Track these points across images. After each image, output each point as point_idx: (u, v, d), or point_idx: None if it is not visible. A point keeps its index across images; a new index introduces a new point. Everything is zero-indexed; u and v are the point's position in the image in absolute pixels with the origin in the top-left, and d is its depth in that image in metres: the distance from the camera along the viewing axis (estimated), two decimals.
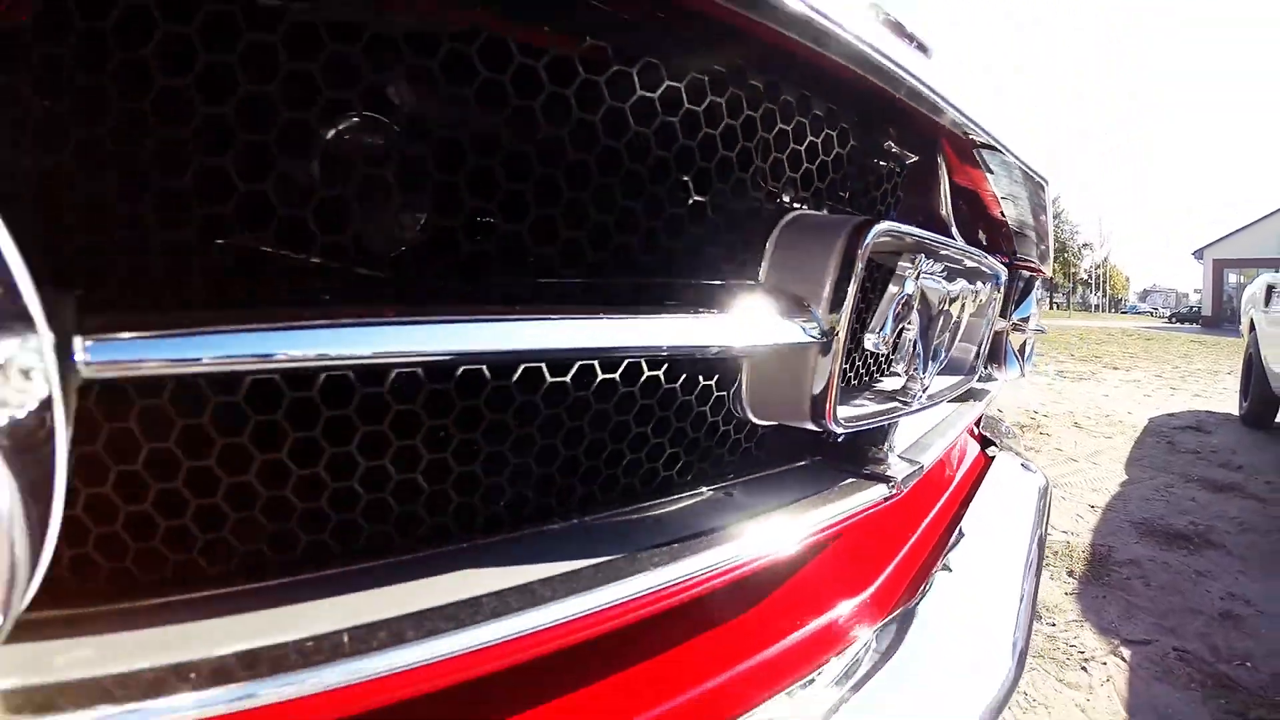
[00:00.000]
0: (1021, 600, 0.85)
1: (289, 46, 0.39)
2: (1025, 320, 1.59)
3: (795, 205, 0.64)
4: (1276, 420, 5.67)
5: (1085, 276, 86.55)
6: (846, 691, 0.59)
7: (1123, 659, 2.11)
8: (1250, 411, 5.76)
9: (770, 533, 0.55)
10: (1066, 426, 5.78)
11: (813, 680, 0.58)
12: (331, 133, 0.42)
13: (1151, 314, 76.64)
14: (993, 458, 1.45)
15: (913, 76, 0.58)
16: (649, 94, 0.51)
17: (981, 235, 1.27)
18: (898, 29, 0.58)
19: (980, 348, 1.01)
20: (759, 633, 0.59)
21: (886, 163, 0.78)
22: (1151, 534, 3.19)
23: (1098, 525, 3.32)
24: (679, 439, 0.62)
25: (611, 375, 0.55)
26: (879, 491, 0.66)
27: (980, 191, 0.96)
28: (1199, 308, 48.76)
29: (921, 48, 0.61)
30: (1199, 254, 46.35)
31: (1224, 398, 7.43)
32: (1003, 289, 1.05)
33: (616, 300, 0.53)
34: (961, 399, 1.19)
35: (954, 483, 1.17)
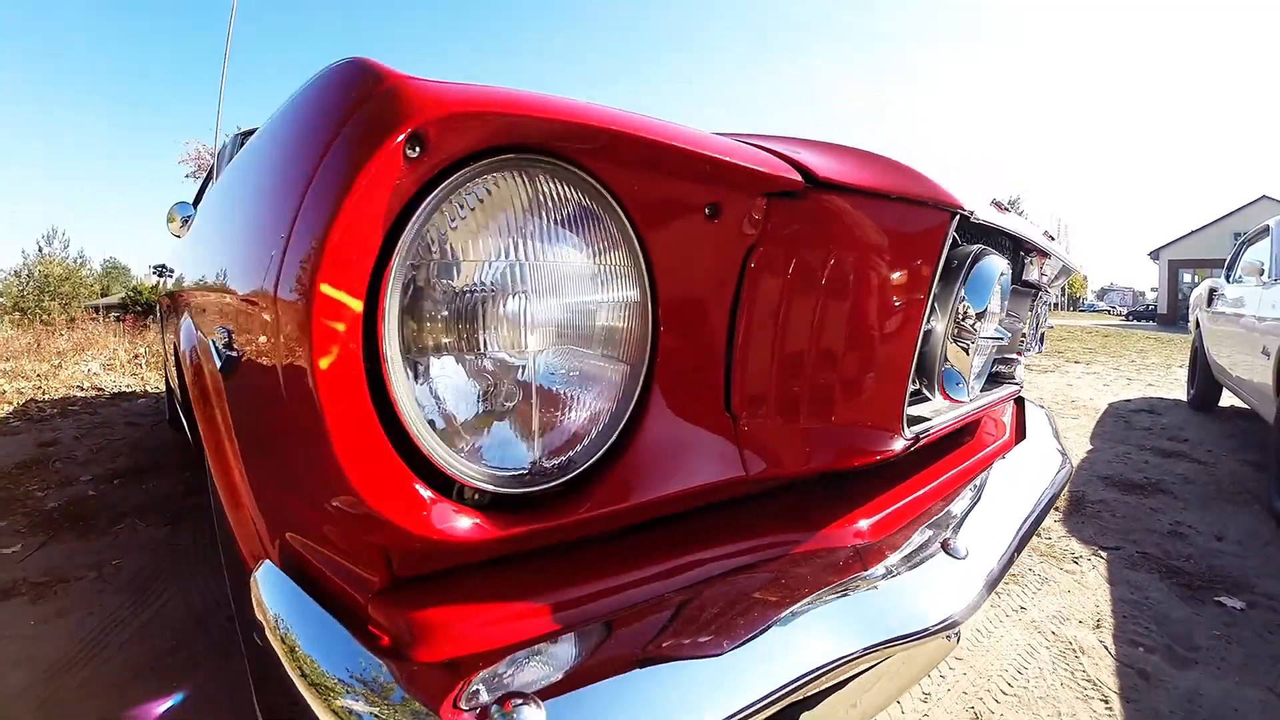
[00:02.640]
0: (1061, 457, 1.70)
1: None
2: (1048, 323, 2.51)
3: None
4: (1219, 405, 6.67)
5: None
6: (998, 468, 1.41)
7: (1101, 557, 2.99)
8: (1196, 397, 6.73)
9: (992, 397, 1.39)
10: None
11: (990, 467, 1.41)
12: None
13: (1109, 312, 79.00)
14: (1021, 401, 2.33)
15: (1056, 254, 1.42)
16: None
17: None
18: (1049, 235, 1.42)
19: (1037, 336, 1.89)
20: (980, 440, 1.43)
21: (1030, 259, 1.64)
22: (1114, 485, 4.09)
23: (1072, 479, 4.22)
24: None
25: None
26: (1014, 388, 1.50)
27: (1046, 264, 1.82)
28: (1155, 306, 50.61)
29: (1051, 237, 1.45)
30: (1155, 254, 48.05)
31: (1174, 387, 8.44)
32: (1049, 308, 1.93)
33: None
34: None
35: (1012, 403, 2.04)
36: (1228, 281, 6.03)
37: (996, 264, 1.02)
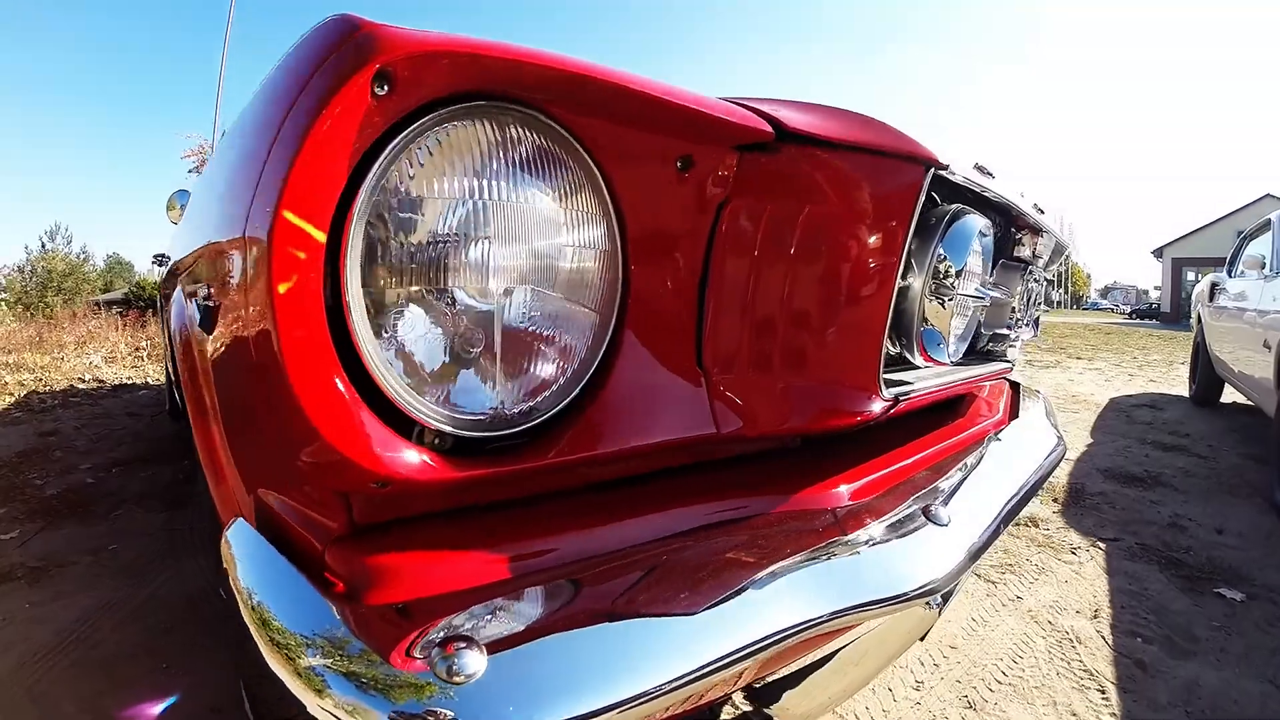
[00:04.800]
0: (1056, 437, 1.67)
1: None
2: (1041, 304, 2.48)
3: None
4: (1221, 400, 6.64)
5: (1048, 274, 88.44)
6: (991, 444, 1.38)
7: (1100, 549, 2.96)
8: (1198, 392, 6.70)
9: (982, 369, 1.37)
10: None
11: (984, 445, 1.39)
12: None
13: (1112, 310, 78.88)
14: (1017, 386, 2.30)
15: (1046, 228, 1.39)
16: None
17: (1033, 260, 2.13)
18: (1038, 209, 1.39)
19: (1032, 315, 1.86)
20: (972, 418, 1.41)
21: (1020, 235, 1.61)
22: (1114, 477, 4.06)
23: (1072, 471, 4.19)
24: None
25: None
26: (1006, 365, 1.48)
27: (1037, 248, 1.80)
28: (1158, 304, 50.52)
29: (1041, 210, 1.42)
30: (1158, 252, 48.02)
31: (1176, 383, 8.41)
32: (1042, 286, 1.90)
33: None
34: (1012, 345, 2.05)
35: (1007, 389, 2.01)
36: (1229, 276, 5.99)
37: (975, 222, 1.00)
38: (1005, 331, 1.52)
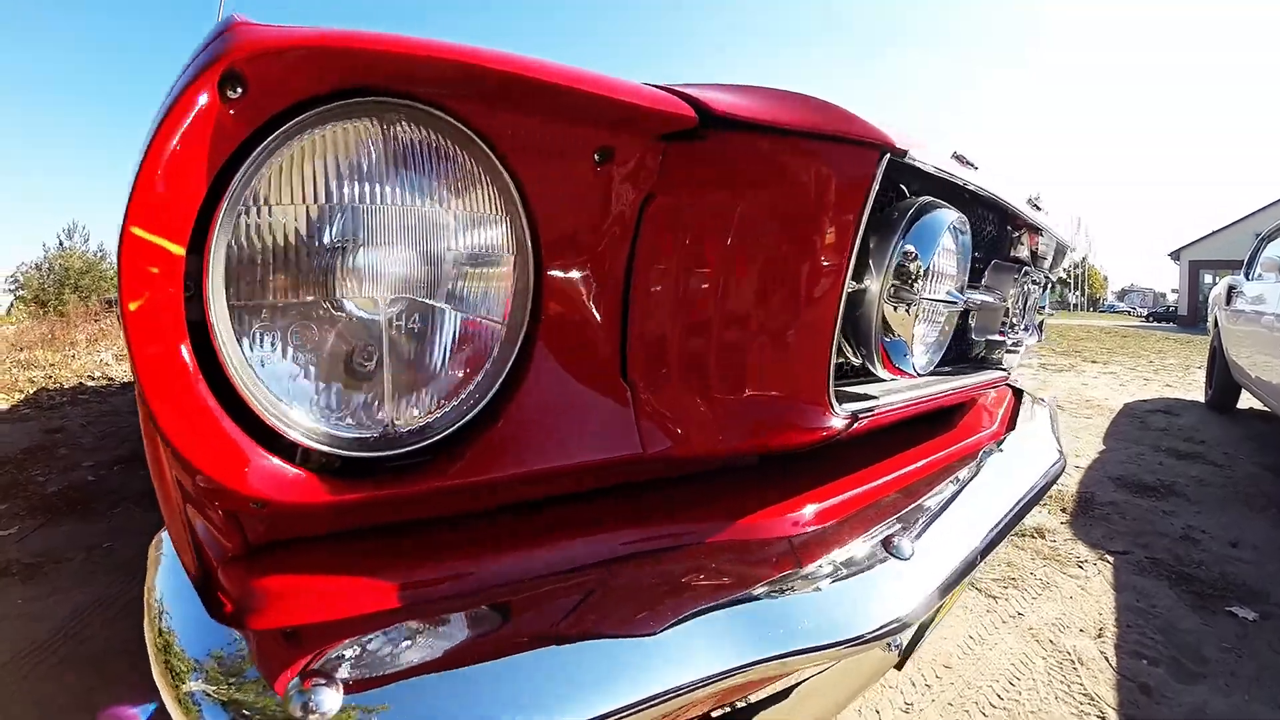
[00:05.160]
0: (1058, 446, 1.57)
1: None
2: (1043, 308, 2.35)
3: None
4: (1238, 406, 6.47)
5: (1064, 275, 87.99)
6: (980, 461, 1.29)
7: (1108, 562, 2.84)
8: (1214, 397, 6.53)
9: (971, 378, 1.26)
10: None
11: (972, 461, 1.29)
12: None
13: (1129, 313, 78.11)
14: (1020, 394, 2.20)
15: (1041, 225, 1.29)
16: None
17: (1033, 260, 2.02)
18: (1034, 204, 1.29)
19: (1032, 321, 1.74)
20: (961, 431, 1.31)
21: (1013, 234, 1.51)
22: (1126, 486, 3.93)
23: (1082, 479, 4.06)
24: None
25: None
26: (1001, 374, 1.37)
27: (1038, 248, 1.69)
28: (1175, 307, 50.04)
29: (1037, 206, 1.32)
30: (1175, 255, 47.54)
31: (1192, 388, 8.23)
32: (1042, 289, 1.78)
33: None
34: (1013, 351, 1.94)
35: (1008, 398, 1.91)
36: (1247, 279, 5.84)
37: (945, 217, 0.89)
38: (999, 338, 1.41)
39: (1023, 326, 1.57)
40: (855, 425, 0.87)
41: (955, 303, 0.97)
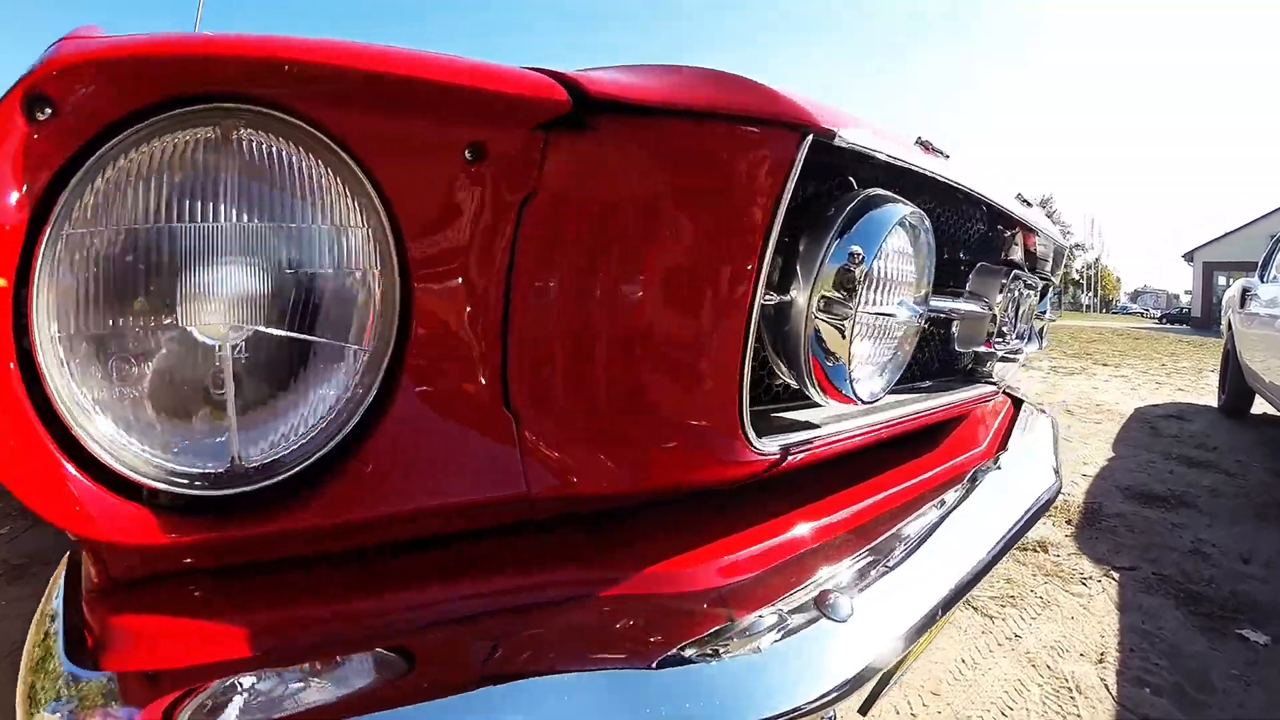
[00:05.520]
0: (1054, 467, 1.44)
1: None
2: (1044, 313, 2.22)
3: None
4: (1251, 410, 6.30)
5: (1077, 277, 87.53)
6: (973, 481, 1.17)
7: (1113, 578, 2.71)
8: (1227, 402, 6.37)
9: (956, 394, 1.14)
10: (1060, 413, 6.39)
11: (952, 489, 1.17)
12: None
13: (1142, 315, 77.44)
14: (1020, 404, 2.06)
15: (1028, 223, 1.17)
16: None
17: (1031, 263, 1.90)
18: (1023, 200, 1.17)
19: (1030, 328, 1.61)
20: (941, 454, 1.18)
21: (1005, 234, 1.38)
22: (1135, 496, 3.79)
23: (1089, 489, 3.93)
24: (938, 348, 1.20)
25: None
26: (990, 388, 1.24)
27: (1035, 249, 1.56)
28: (1189, 309, 49.63)
29: (1027, 203, 1.20)
30: (1189, 256, 47.20)
31: (1205, 392, 8.05)
32: (1040, 293, 1.64)
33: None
34: (1014, 354, 1.80)
35: (1005, 409, 1.78)
36: (1262, 281, 5.68)
37: (894, 213, 0.76)
38: (986, 349, 1.29)
39: (1015, 335, 1.45)
40: (788, 460, 0.75)
41: (911, 318, 0.84)
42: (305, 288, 0.64)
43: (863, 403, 0.81)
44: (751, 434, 0.71)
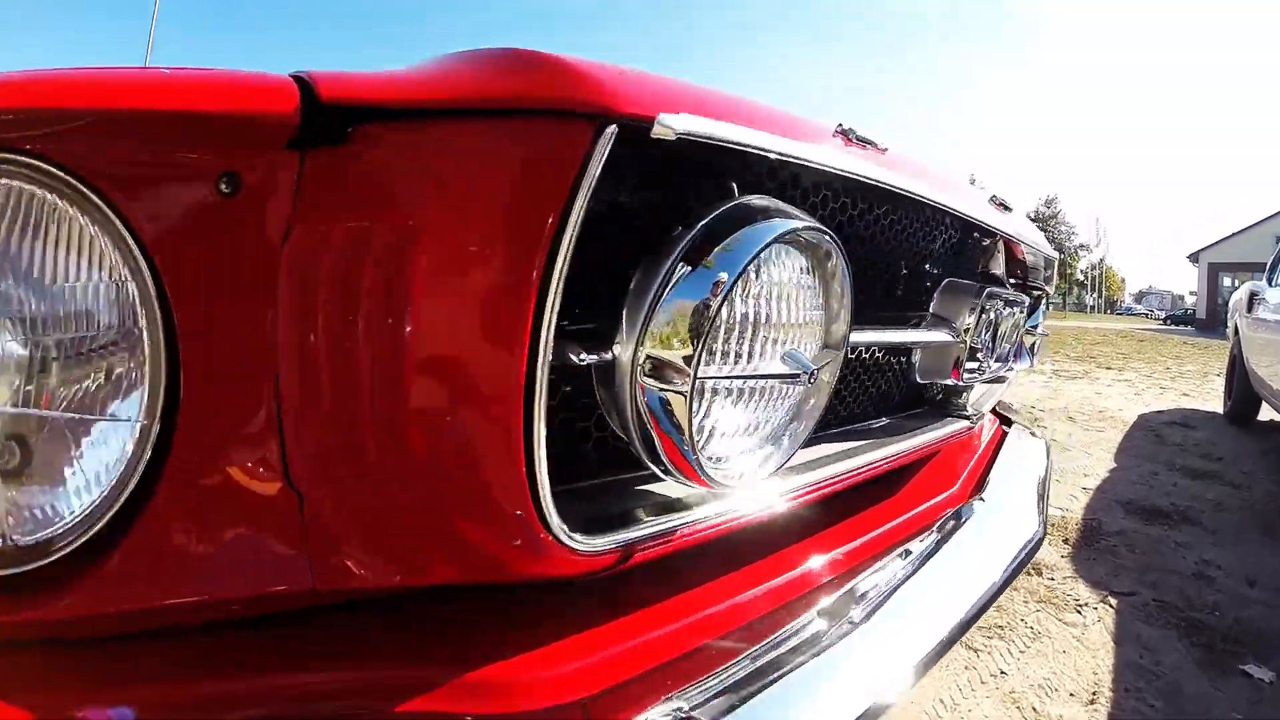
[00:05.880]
0: (1039, 512, 1.28)
1: None
2: (1035, 327, 2.05)
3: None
4: (1258, 417, 6.12)
5: (1081, 278, 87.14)
6: (941, 538, 1.01)
7: (1110, 605, 2.55)
8: (1233, 409, 6.19)
9: (920, 437, 0.98)
10: (1061, 420, 6.22)
11: (929, 531, 1.01)
12: None
13: (1147, 316, 76.97)
14: (1009, 428, 1.89)
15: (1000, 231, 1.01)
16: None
17: (1019, 273, 1.73)
18: (999, 204, 1.01)
19: (1013, 345, 1.45)
20: (911, 498, 1.02)
21: (980, 243, 1.22)
22: (1136, 511, 3.63)
23: (1089, 503, 3.76)
24: (891, 382, 1.04)
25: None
26: (964, 424, 1.08)
27: (1024, 258, 1.40)
28: (1194, 310, 49.30)
29: (1005, 207, 1.04)
30: (1194, 257, 46.84)
31: (1210, 398, 7.86)
32: (1025, 308, 1.48)
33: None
34: (995, 380, 1.62)
35: (987, 436, 1.61)
36: (1270, 284, 5.50)
37: (766, 232, 0.57)
38: (952, 381, 1.12)
39: (995, 357, 1.28)
40: (630, 559, 0.59)
41: (797, 377, 0.64)
42: (54, 354, 0.54)
43: (721, 485, 0.63)
44: (558, 527, 0.55)
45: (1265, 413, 5.98)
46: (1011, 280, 1.90)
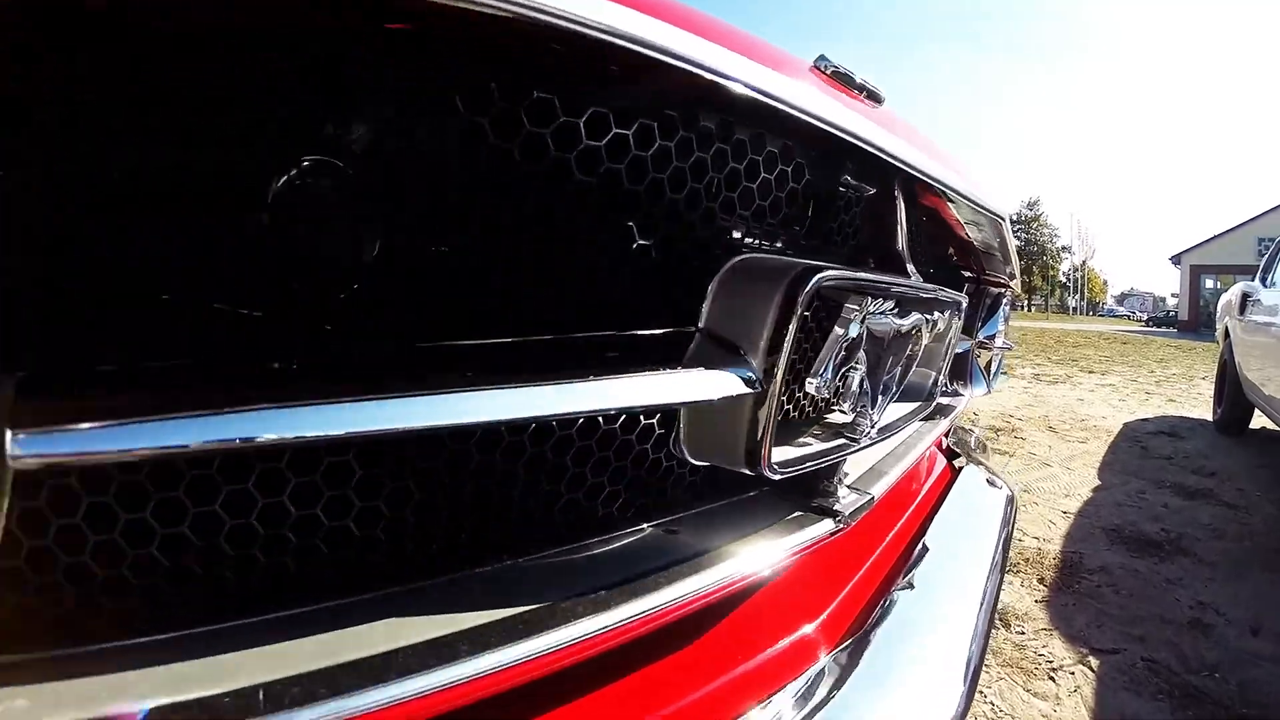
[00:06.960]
0: (979, 617, 0.85)
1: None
2: (992, 338, 1.56)
3: (747, 242, 0.63)
4: (1250, 427, 5.74)
5: (1064, 279, 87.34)
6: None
7: (1090, 668, 2.13)
8: (1223, 417, 5.80)
9: (711, 571, 0.53)
10: (1041, 430, 5.82)
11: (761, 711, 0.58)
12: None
13: (1129, 317, 77.28)
14: (959, 471, 1.45)
15: (849, 134, 0.57)
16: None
17: (951, 252, 1.28)
18: (845, 80, 0.57)
19: (939, 373, 1.01)
20: (704, 666, 0.58)
21: (845, 193, 0.77)
22: (1123, 540, 3.21)
23: (1069, 531, 3.34)
24: (617, 477, 0.60)
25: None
26: (825, 527, 0.64)
27: (945, 217, 0.96)
28: (1176, 312, 49.40)
29: (873, 96, 0.61)
30: (1176, 259, 46.90)
31: (1197, 403, 7.51)
32: (964, 312, 1.02)
33: (551, 356, 0.51)
34: (927, 418, 1.17)
35: (917, 500, 1.16)
36: (1264, 286, 5.13)
37: None
38: (858, 439, 0.68)
39: (882, 399, 0.82)
40: None
41: None
42: None
43: None
44: None
45: (1256, 419, 5.61)
46: (967, 274, 1.38)
